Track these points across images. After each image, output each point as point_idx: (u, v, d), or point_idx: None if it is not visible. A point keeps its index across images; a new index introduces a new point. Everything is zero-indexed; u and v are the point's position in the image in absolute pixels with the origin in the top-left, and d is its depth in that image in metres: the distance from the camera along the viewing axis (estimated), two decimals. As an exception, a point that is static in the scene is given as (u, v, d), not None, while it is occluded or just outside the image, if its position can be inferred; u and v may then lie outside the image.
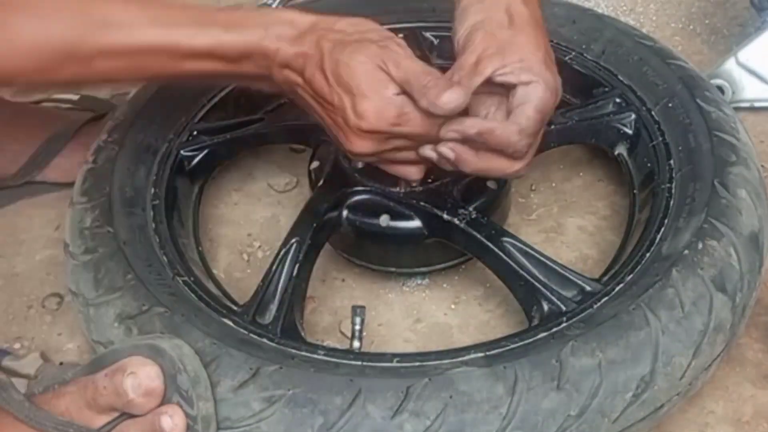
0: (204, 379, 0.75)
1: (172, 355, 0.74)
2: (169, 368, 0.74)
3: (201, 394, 0.74)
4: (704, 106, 0.98)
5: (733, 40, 1.32)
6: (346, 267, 1.04)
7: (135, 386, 0.73)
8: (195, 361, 0.76)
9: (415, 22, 1.16)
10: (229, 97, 1.10)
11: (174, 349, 0.75)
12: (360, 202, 0.96)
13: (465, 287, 1.02)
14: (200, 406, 0.73)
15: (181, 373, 0.74)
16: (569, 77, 1.10)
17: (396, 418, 0.73)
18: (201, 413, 0.73)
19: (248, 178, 1.17)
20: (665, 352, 0.77)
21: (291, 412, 0.74)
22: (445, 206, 0.93)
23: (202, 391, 0.74)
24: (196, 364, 0.75)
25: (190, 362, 0.75)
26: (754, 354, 0.93)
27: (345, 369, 0.77)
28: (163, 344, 0.75)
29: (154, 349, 0.75)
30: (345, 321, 0.97)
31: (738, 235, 0.85)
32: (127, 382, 0.73)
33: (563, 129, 1.03)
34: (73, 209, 0.95)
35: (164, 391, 0.74)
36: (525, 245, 0.89)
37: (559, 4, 1.15)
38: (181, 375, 0.74)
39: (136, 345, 0.77)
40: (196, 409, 0.73)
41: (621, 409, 0.75)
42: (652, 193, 0.95)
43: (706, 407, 0.89)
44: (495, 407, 0.73)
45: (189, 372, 0.74)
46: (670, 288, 0.80)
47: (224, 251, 1.08)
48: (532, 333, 0.80)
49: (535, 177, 1.13)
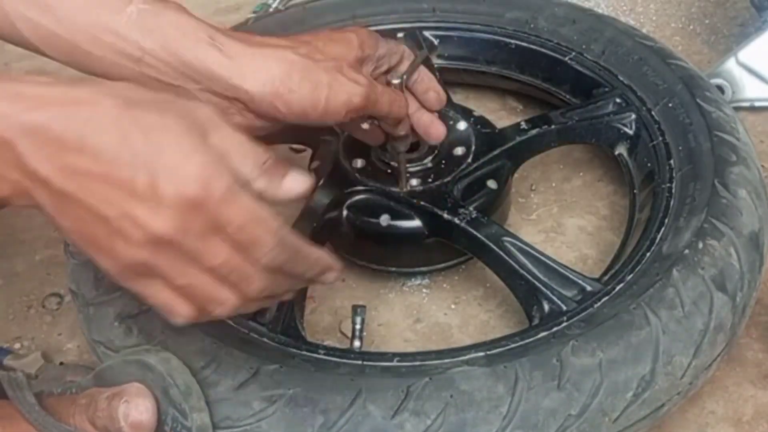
0: (196, 390, 0.75)
1: (161, 370, 0.75)
2: (160, 383, 0.74)
3: (194, 405, 0.74)
4: (704, 106, 0.98)
5: (733, 40, 1.32)
6: (346, 267, 1.04)
7: (125, 415, 0.72)
8: (185, 373, 0.75)
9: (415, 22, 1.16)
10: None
11: (162, 363, 0.75)
12: (360, 202, 0.96)
13: (465, 287, 1.02)
14: (194, 417, 0.73)
15: (172, 387, 0.74)
16: (569, 77, 1.11)
17: (396, 417, 0.73)
18: (196, 424, 0.73)
19: (248, 178, 1.17)
20: (666, 352, 0.77)
21: (291, 412, 0.74)
22: (445, 206, 0.93)
23: (194, 402, 0.74)
24: (186, 376, 0.75)
25: (180, 375, 0.75)
26: (754, 354, 0.93)
27: (345, 368, 0.77)
28: (150, 359, 0.75)
29: (142, 365, 0.75)
30: (345, 321, 0.97)
31: (738, 234, 0.85)
32: (120, 410, 0.73)
33: (563, 129, 1.03)
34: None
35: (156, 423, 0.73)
36: (525, 245, 0.89)
37: (559, 4, 1.15)
38: (172, 389, 0.74)
39: (126, 361, 0.77)
40: (191, 420, 0.73)
41: (621, 409, 0.75)
42: (652, 192, 0.95)
43: (706, 407, 0.89)
44: (495, 406, 0.73)
45: (180, 385, 0.74)
46: (670, 287, 0.80)
47: (224, 251, 1.08)
48: (533, 332, 0.80)
49: (535, 177, 1.13)
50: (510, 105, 1.24)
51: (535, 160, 1.08)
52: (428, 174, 0.97)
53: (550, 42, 1.12)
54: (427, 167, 0.97)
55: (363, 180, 0.96)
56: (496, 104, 1.24)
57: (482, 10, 1.15)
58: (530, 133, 1.02)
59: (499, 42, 1.14)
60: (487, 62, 1.17)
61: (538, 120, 1.04)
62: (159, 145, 0.58)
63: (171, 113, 0.59)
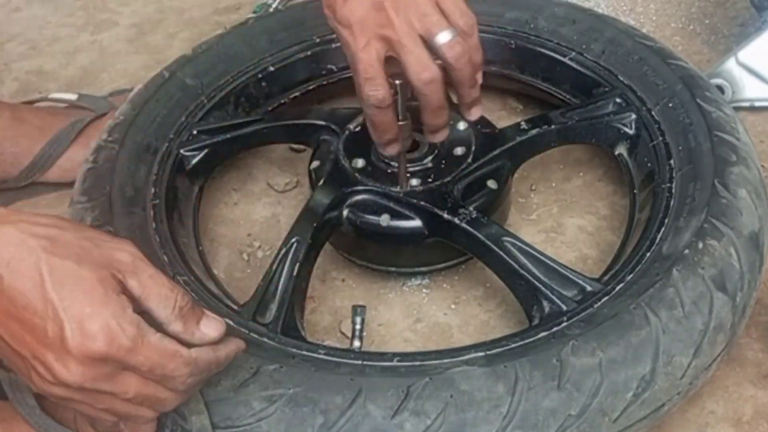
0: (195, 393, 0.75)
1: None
2: None
3: (193, 408, 0.74)
4: (704, 105, 0.98)
5: (733, 40, 1.32)
6: (346, 267, 1.04)
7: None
8: None
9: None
10: (229, 97, 1.11)
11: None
12: (360, 202, 0.96)
13: (465, 287, 1.02)
14: (193, 420, 0.74)
15: None
16: (569, 77, 1.11)
17: (396, 417, 0.73)
18: (195, 426, 0.74)
19: (248, 178, 1.17)
20: (666, 352, 0.77)
21: (291, 412, 0.74)
22: (445, 206, 0.93)
23: (193, 405, 0.74)
24: None
25: None
26: (754, 354, 0.93)
27: (345, 368, 0.77)
28: None
29: None
30: (345, 321, 0.97)
31: (738, 234, 0.85)
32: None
33: (563, 129, 1.03)
34: (74, 209, 0.95)
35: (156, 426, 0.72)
36: (525, 245, 0.89)
37: (559, 4, 1.15)
38: None
39: None
40: (190, 423, 0.73)
41: (621, 409, 0.75)
42: (652, 192, 0.95)
43: (706, 407, 0.89)
44: (495, 406, 0.73)
45: None
46: (670, 287, 0.80)
47: (224, 251, 1.08)
48: (533, 332, 0.80)
49: (535, 177, 1.13)
50: (510, 105, 1.24)
51: (535, 160, 1.08)
52: (428, 174, 0.97)
53: (550, 42, 1.12)
54: (427, 167, 0.97)
55: (363, 180, 0.96)
56: (496, 104, 1.24)
57: (482, 9, 1.15)
58: (530, 133, 1.02)
59: (499, 42, 1.14)
60: (487, 62, 1.16)
61: (538, 120, 1.04)
62: (71, 296, 0.60)
63: (89, 262, 0.62)
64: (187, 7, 1.50)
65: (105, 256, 0.63)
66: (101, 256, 0.63)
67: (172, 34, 1.45)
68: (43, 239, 0.61)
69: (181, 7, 1.50)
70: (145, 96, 1.06)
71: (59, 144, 1.14)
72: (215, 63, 1.12)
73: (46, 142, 1.13)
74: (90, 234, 0.64)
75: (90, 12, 1.52)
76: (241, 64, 1.13)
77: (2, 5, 1.54)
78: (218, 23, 1.43)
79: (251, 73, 1.13)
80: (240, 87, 1.11)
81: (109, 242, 0.64)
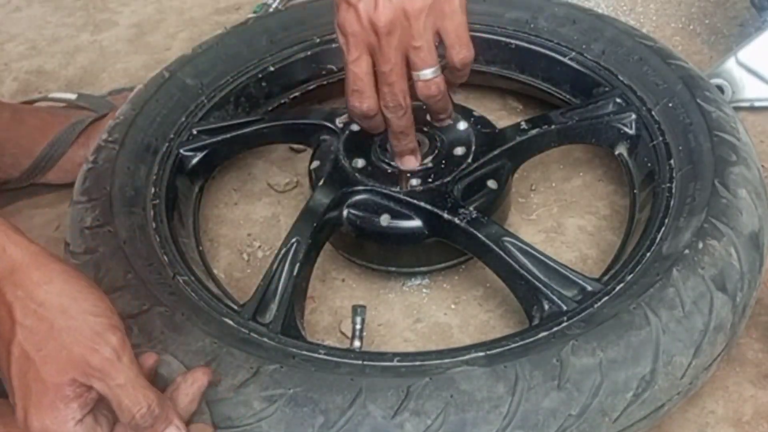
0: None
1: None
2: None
3: None
4: (704, 105, 0.98)
5: (733, 40, 1.32)
6: (346, 267, 1.04)
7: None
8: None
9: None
10: (229, 97, 1.11)
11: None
12: (360, 202, 0.96)
13: (465, 287, 1.02)
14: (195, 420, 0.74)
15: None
16: (569, 77, 1.11)
17: (397, 417, 0.73)
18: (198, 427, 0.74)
19: (248, 178, 1.17)
20: (666, 352, 0.77)
21: (292, 412, 0.74)
22: (445, 206, 0.93)
23: None
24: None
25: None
26: (754, 354, 0.93)
27: (346, 368, 0.77)
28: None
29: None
30: (345, 321, 0.97)
31: (738, 234, 0.85)
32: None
33: (563, 129, 1.03)
34: (74, 208, 0.95)
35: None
36: (525, 245, 0.89)
37: (559, 4, 1.15)
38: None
39: None
40: None
41: (621, 409, 0.75)
42: (652, 192, 0.95)
43: (706, 407, 0.89)
44: (496, 406, 0.73)
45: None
46: (670, 287, 0.80)
47: (224, 251, 1.08)
48: (533, 332, 0.80)
49: (535, 177, 1.13)
50: (510, 105, 1.24)
51: (535, 160, 1.08)
52: (428, 174, 0.97)
53: (550, 42, 1.12)
54: (427, 167, 0.97)
55: (363, 180, 0.96)
56: (496, 104, 1.24)
57: (482, 10, 1.15)
58: (530, 133, 1.02)
59: (499, 42, 1.14)
60: (487, 62, 1.17)
61: (538, 120, 1.04)
62: (26, 389, 0.66)
63: (54, 363, 0.66)
64: (187, 7, 1.50)
65: (76, 357, 0.66)
66: (70, 357, 0.66)
67: (172, 34, 1.45)
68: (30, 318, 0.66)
69: (181, 7, 1.50)
70: (145, 96, 1.06)
71: (60, 145, 1.14)
72: (215, 63, 1.12)
73: (47, 143, 1.13)
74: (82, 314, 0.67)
75: (90, 12, 1.52)
76: (241, 64, 1.13)
77: (2, 5, 1.55)
78: (218, 23, 1.43)
79: (251, 73, 1.13)
80: (240, 87, 1.11)
81: (97, 330, 0.67)
